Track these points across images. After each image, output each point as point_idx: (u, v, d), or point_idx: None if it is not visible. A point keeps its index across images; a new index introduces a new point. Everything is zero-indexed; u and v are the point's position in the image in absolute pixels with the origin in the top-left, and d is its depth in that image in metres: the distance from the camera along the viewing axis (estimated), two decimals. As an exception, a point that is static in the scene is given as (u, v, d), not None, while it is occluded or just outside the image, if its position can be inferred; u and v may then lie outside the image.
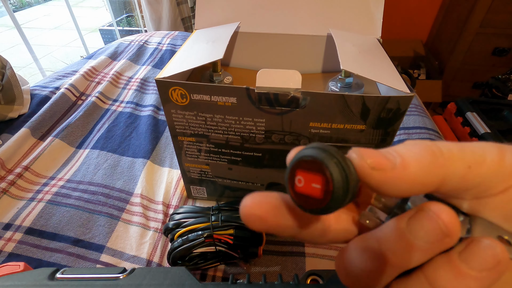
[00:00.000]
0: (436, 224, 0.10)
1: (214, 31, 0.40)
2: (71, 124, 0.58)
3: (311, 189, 0.11)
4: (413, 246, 0.11)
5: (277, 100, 0.30)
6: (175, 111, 0.33)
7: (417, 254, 0.11)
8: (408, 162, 0.10)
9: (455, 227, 0.10)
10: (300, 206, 0.11)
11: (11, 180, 0.47)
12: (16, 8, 3.27)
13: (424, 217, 0.10)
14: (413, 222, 0.11)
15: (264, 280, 0.27)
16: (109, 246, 0.40)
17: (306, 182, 0.11)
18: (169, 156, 0.53)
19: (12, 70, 0.62)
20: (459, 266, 0.10)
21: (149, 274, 0.24)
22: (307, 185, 0.11)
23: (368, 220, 0.13)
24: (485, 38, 1.38)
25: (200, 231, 0.35)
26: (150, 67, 0.77)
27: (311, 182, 0.11)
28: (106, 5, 2.28)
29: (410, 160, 0.11)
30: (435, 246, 0.10)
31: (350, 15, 0.40)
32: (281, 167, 0.37)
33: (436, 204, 0.10)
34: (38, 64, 1.79)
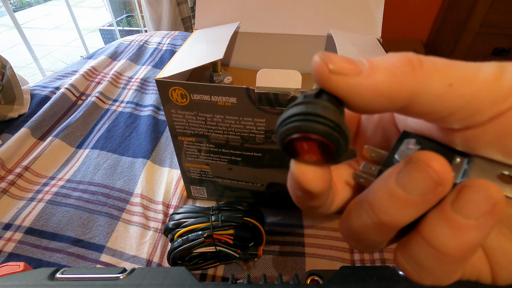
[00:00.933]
0: (426, 174, 0.09)
1: (214, 31, 0.40)
2: (71, 124, 0.58)
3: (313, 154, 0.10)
4: (405, 201, 0.10)
5: (277, 100, 0.30)
6: (175, 111, 0.33)
7: (410, 209, 0.10)
8: (376, 69, 0.09)
9: (446, 173, 0.09)
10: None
11: (11, 180, 0.47)
12: (16, 8, 3.27)
13: (413, 168, 0.10)
14: (402, 175, 0.10)
15: (264, 280, 0.27)
16: (109, 246, 0.40)
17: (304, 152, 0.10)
18: (169, 156, 0.53)
19: (12, 70, 0.62)
20: (454, 217, 0.09)
21: (149, 274, 0.24)
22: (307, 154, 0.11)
23: (361, 178, 0.12)
24: (485, 38, 1.38)
25: (200, 231, 0.35)
26: (150, 67, 0.77)
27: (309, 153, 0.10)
28: (106, 5, 2.29)
29: (379, 68, 0.09)
30: (428, 197, 0.09)
31: (350, 15, 0.40)
32: (281, 167, 0.37)
33: (424, 153, 0.09)
34: (38, 64, 1.79)
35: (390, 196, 0.10)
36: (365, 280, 0.23)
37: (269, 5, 0.42)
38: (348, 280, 0.23)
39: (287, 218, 0.43)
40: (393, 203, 0.10)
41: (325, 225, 0.42)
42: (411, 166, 0.10)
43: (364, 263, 0.38)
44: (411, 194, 0.10)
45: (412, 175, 0.10)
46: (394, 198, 0.10)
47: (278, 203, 0.44)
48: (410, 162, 0.10)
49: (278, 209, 0.44)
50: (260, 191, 0.41)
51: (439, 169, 0.09)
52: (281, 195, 0.42)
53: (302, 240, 0.40)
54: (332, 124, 0.09)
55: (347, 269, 0.25)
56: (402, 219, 0.10)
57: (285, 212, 0.44)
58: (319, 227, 0.42)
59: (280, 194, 0.42)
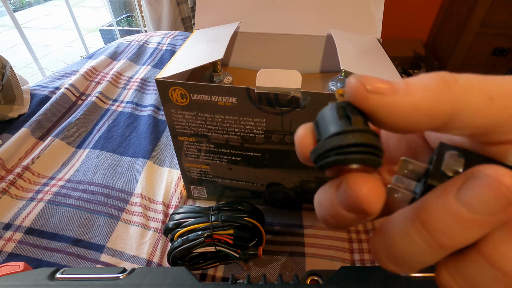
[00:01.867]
0: (498, 191, 0.08)
1: (214, 31, 0.40)
2: (71, 124, 0.58)
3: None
4: (469, 221, 0.09)
5: (277, 100, 0.30)
6: (175, 111, 0.33)
7: (475, 230, 0.09)
8: (413, 88, 0.09)
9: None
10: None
11: (11, 180, 0.47)
12: (16, 8, 3.27)
13: (480, 185, 0.09)
14: (465, 192, 0.09)
15: (264, 280, 0.27)
16: (109, 246, 0.40)
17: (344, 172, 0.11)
18: (169, 156, 0.53)
19: (12, 70, 0.62)
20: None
21: (149, 274, 0.24)
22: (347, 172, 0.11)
23: (396, 193, 0.12)
24: (485, 38, 1.38)
25: (200, 231, 0.35)
26: (150, 67, 0.77)
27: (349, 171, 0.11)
28: (106, 5, 2.28)
29: (415, 86, 0.09)
30: (497, 217, 0.08)
31: (350, 15, 0.40)
32: (281, 167, 0.37)
33: (492, 167, 0.09)
34: (38, 64, 1.79)
35: (451, 216, 0.09)
36: (365, 280, 0.23)
37: (269, 5, 0.42)
38: (348, 280, 0.23)
39: (287, 218, 0.43)
40: (455, 224, 0.09)
41: (325, 225, 0.42)
42: (476, 182, 0.09)
43: (364, 263, 0.38)
44: (478, 213, 0.09)
45: (479, 192, 0.09)
46: (457, 218, 0.09)
47: (278, 203, 0.44)
48: (474, 177, 0.09)
49: (278, 209, 0.44)
50: (260, 191, 0.41)
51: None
52: (281, 195, 0.42)
53: (302, 240, 0.40)
54: (372, 150, 0.10)
55: (347, 269, 0.25)
56: (464, 241, 0.09)
57: (285, 212, 0.44)
58: (319, 227, 0.42)
59: (280, 194, 0.42)
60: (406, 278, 0.23)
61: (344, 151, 0.10)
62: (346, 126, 0.10)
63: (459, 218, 0.09)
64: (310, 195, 0.41)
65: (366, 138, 0.10)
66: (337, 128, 0.10)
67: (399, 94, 0.09)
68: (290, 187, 0.40)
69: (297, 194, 0.41)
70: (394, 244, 0.10)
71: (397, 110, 0.09)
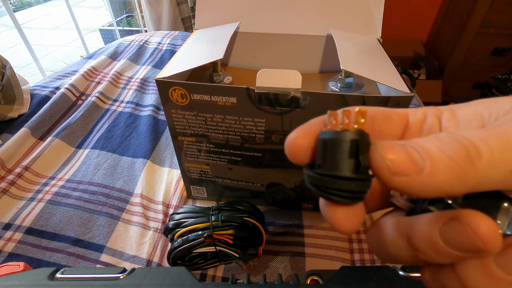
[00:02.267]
0: (472, 239, 0.09)
1: (214, 31, 0.40)
2: (71, 124, 0.58)
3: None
4: (444, 252, 0.10)
5: (277, 100, 0.30)
6: (175, 111, 0.33)
7: (447, 258, 0.10)
8: (437, 167, 0.09)
9: (494, 243, 0.09)
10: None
11: (11, 180, 0.47)
12: (16, 8, 3.27)
13: (458, 228, 0.09)
14: (446, 230, 0.10)
15: (264, 280, 0.27)
16: (109, 246, 0.40)
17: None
18: (169, 156, 0.53)
19: (12, 70, 0.62)
20: (495, 271, 0.10)
21: (149, 274, 0.24)
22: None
23: (398, 201, 0.13)
24: (485, 38, 1.38)
25: (200, 231, 0.35)
26: (150, 67, 0.77)
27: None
28: (106, 5, 2.28)
29: (439, 166, 0.09)
30: (471, 257, 0.10)
31: (350, 15, 0.40)
32: (281, 167, 0.37)
33: (471, 215, 0.09)
34: (38, 64, 1.79)
35: (431, 243, 0.10)
36: (365, 280, 0.23)
37: (269, 5, 0.42)
38: (348, 280, 0.23)
39: (287, 218, 0.43)
40: (433, 250, 0.10)
41: (325, 225, 0.42)
42: (456, 224, 0.10)
43: (364, 263, 0.38)
44: (452, 249, 0.10)
45: (456, 233, 0.10)
46: (435, 246, 0.10)
47: (278, 203, 0.44)
48: (456, 219, 0.10)
49: (278, 209, 0.44)
50: (260, 191, 0.41)
51: (487, 235, 0.09)
52: (281, 195, 0.42)
53: (302, 240, 0.40)
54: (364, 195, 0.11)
55: (347, 269, 0.25)
56: (438, 262, 0.11)
57: (285, 212, 0.44)
58: (319, 227, 0.42)
59: (280, 194, 0.42)
60: (406, 278, 0.23)
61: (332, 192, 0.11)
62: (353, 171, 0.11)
63: (436, 247, 0.10)
64: (310, 195, 0.41)
65: (365, 187, 0.11)
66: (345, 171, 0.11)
67: (423, 175, 0.09)
68: (290, 187, 0.40)
69: (297, 194, 0.41)
70: (385, 245, 0.12)
71: (419, 189, 0.10)
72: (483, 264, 0.10)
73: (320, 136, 0.12)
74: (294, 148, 0.12)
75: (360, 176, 0.11)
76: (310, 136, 0.12)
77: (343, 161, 0.11)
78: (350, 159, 0.11)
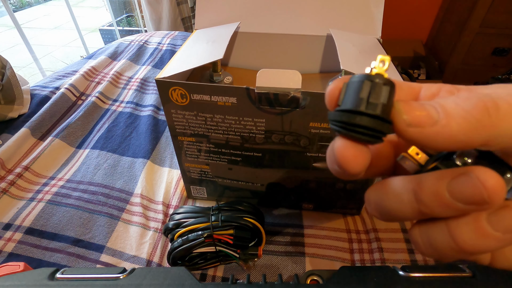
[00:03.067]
0: (479, 192, 0.10)
1: (214, 31, 0.40)
2: (71, 124, 0.58)
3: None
4: (448, 204, 0.11)
5: (277, 100, 0.30)
6: (175, 111, 0.33)
7: (450, 211, 0.11)
8: (452, 119, 0.10)
9: (499, 196, 0.10)
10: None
11: (11, 180, 0.47)
12: (16, 8, 3.27)
13: (467, 181, 0.10)
14: (454, 185, 0.10)
15: (264, 280, 0.27)
16: (109, 246, 0.40)
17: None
18: (169, 156, 0.53)
19: (12, 70, 0.62)
20: (484, 227, 0.10)
21: (149, 274, 0.24)
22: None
23: (406, 161, 0.13)
24: (485, 38, 1.38)
25: (200, 231, 0.35)
26: (150, 67, 0.77)
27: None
28: (106, 5, 2.28)
29: (454, 117, 0.10)
30: (472, 209, 0.10)
31: (350, 15, 0.40)
32: (281, 167, 0.37)
33: (481, 170, 0.10)
34: (38, 64, 1.79)
35: (437, 195, 0.11)
36: (365, 280, 0.23)
37: (269, 5, 0.42)
38: (348, 280, 0.23)
39: (287, 218, 0.43)
40: (437, 203, 0.11)
41: (325, 225, 0.42)
42: (465, 178, 0.10)
43: (364, 263, 0.38)
44: (457, 201, 0.10)
45: (464, 187, 0.10)
46: (440, 199, 0.11)
47: (278, 203, 0.44)
48: (465, 174, 0.10)
49: (278, 209, 0.44)
50: (260, 191, 0.41)
51: (493, 189, 0.10)
52: (281, 195, 0.42)
53: (302, 240, 0.40)
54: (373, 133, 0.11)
55: (347, 269, 0.25)
56: (439, 215, 0.11)
57: (285, 212, 0.44)
58: (319, 227, 0.42)
59: (280, 194, 0.42)
60: (406, 278, 0.23)
61: (349, 128, 0.12)
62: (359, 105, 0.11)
63: (441, 199, 0.11)
64: (310, 195, 0.41)
65: (372, 123, 0.11)
66: (352, 105, 0.12)
67: (437, 125, 0.10)
68: (290, 187, 0.40)
69: (297, 194, 0.41)
70: (387, 199, 0.13)
71: (433, 139, 0.10)
72: (475, 220, 0.11)
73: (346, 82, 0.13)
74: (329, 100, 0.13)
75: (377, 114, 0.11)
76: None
77: (361, 99, 0.11)
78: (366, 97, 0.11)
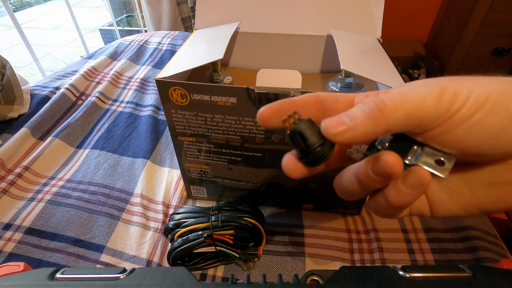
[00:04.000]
0: (384, 169, 0.15)
1: (214, 31, 0.40)
2: (71, 124, 0.58)
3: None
4: (373, 179, 0.16)
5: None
6: (175, 111, 0.33)
7: (375, 184, 0.16)
8: (359, 123, 0.15)
9: (397, 170, 0.15)
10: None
11: (11, 180, 0.47)
12: (16, 8, 3.27)
13: (378, 163, 0.15)
14: (373, 166, 0.16)
15: (264, 280, 0.27)
16: (109, 246, 0.40)
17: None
18: (169, 156, 0.53)
19: (12, 70, 0.62)
20: (400, 186, 0.16)
21: (149, 274, 0.24)
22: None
23: (352, 154, 0.18)
24: (485, 38, 1.38)
25: (200, 231, 0.35)
26: (150, 67, 0.77)
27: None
28: (106, 5, 2.29)
29: (361, 121, 0.15)
30: (386, 180, 0.16)
31: (350, 15, 0.40)
32: (281, 167, 0.37)
33: (385, 153, 0.15)
34: (38, 64, 1.79)
35: (366, 174, 0.16)
36: (365, 280, 0.23)
37: (269, 5, 0.42)
38: (348, 280, 0.23)
39: (287, 218, 0.43)
40: (368, 179, 0.16)
41: (325, 225, 0.42)
42: (377, 161, 0.15)
43: (364, 263, 0.38)
44: (376, 176, 0.15)
45: (377, 167, 0.15)
46: (368, 176, 0.16)
47: (278, 203, 0.44)
48: (377, 158, 0.15)
49: (278, 209, 0.44)
50: (260, 191, 0.41)
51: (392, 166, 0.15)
52: (281, 195, 0.42)
53: (302, 240, 0.40)
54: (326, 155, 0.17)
55: (347, 269, 0.25)
56: (373, 186, 0.17)
57: (285, 212, 0.44)
58: (319, 227, 0.42)
59: (280, 194, 0.42)
60: (406, 278, 0.23)
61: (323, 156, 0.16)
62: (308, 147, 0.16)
63: (369, 176, 0.16)
64: (310, 195, 0.41)
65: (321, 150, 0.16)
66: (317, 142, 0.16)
67: (352, 129, 0.15)
68: (290, 187, 0.40)
69: (297, 194, 0.41)
70: (344, 182, 0.18)
71: (353, 138, 0.15)
72: (395, 184, 0.16)
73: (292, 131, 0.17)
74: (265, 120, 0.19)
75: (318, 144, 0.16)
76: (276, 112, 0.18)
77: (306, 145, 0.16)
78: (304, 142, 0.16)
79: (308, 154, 0.16)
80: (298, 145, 0.17)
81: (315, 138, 0.16)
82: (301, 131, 0.16)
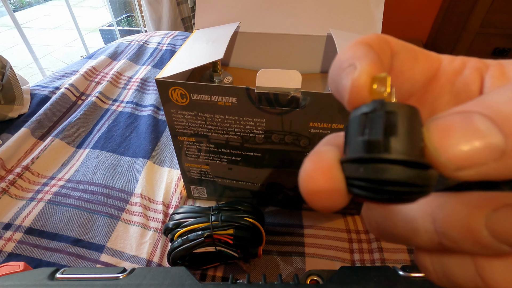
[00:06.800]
0: None
1: (214, 31, 0.40)
2: (71, 124, 0.58)
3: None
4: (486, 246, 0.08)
5: (277, 100, 0.30)
6: (175, 111, 0.33)
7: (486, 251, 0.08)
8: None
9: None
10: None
11: (11, 180, 0.47)
12: (16, 8, 3.27)
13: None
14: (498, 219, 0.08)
15: (264, 280, 0.27)
16: (109, 246, 0.40)
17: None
18: (169, 156, 0.53)
19: (12, 70, 0.62)
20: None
21: (149, 274, 0.24)
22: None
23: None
24: (485, 38, 1.38)
25: (200, 231, 0.35)
26: (150, 67, 0.77)
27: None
28: (106, 5, 2.29)
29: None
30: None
31: (350, 15, 0.40)
32: (281, 167, 0.37)
33: None
34: (38, 64, 1.79)
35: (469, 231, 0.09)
36: (365, 280, 0.23)
37: (269, 5, 0.42)
38: (348, 280, 0.23)
39: (287, 218, 0.43)
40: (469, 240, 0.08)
41: (325, 225, 0.42)
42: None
43: (364, 263, 0.38)
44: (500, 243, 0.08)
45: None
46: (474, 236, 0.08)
47: (278, 203, 0.44)
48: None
49: (278, 209, 0.44)
50: (260, 191, 0.41)
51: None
52: (281, 195, 0.42)
53: (302, 240, 0.40)
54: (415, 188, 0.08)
55: (347, 269, 0.25)
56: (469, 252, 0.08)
57: (285, 212, 0.44)
58: (319, 227, 0.42)
59: (280, 194, 0.42)
60: (406, 278, 0.23)
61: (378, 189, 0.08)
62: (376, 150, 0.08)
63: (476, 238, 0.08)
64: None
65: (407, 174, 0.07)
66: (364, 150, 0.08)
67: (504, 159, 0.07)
68: (290, 187, 0.40)
69: (297, 194, 0.41)
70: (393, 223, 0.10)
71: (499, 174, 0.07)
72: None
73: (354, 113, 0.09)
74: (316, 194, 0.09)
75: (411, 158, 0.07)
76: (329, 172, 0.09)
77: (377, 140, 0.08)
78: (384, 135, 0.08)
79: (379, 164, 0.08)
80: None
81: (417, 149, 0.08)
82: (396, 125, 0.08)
